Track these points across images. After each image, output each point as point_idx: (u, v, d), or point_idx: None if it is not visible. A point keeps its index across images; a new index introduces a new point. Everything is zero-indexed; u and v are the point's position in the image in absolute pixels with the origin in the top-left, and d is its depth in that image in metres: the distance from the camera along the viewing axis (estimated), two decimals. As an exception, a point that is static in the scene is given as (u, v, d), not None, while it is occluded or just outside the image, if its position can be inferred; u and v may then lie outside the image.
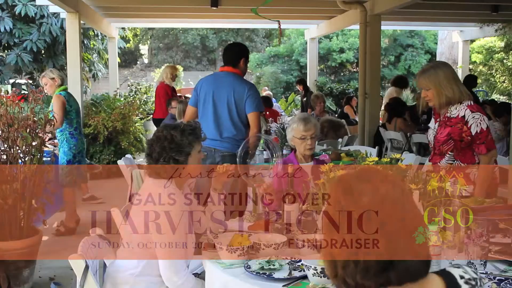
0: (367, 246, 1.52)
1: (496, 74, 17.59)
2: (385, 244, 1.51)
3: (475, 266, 2.57)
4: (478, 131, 3.86)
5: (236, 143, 4.96)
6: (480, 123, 3.87)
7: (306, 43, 17.44)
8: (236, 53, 5.22)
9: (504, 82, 17.01)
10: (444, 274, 1.63)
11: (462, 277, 1.63)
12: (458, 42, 17.64)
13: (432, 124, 4.17)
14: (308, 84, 14.71)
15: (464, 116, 3.89)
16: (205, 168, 3.27)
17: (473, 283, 1.63)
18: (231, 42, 5.90)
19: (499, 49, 18.36)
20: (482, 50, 19.58)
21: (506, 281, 2.44)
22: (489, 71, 18.44)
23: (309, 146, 4.06)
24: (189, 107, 5.27)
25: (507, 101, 14.39)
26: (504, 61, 17.94)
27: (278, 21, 7.87)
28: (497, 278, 2.48)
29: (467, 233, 2.90)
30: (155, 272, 2.96)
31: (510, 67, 17.91)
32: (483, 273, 2.53)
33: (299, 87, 14.61)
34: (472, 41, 18.91)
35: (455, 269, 1.66)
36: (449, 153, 3.97)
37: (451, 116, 3.94)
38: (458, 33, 17.18)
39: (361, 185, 1.56)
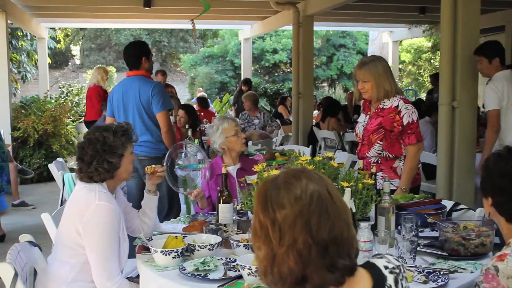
0: (280, 263, 1.53)
1: (424, 74, 18.13)
2: (296, 259, 1.51)
3: (405, 260, 2.64)
4: (410, 122, 3.97)
5: (153, 146, 4.91)
6: (411, 114, 3.98)
7: (240, 43, 17.50)
8: (135, 55, 5.10)
9: (432, 81, 17.55)
10: (369, 267, 1.66)
11: (386, 267, 1.67)
12: (388, 43, 18.10)
13: (362, 118, 4.23)
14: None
15: (397, 106, 3.99)
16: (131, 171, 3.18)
17: (397, 271, 1.68)
18: (130, 42, 5.75)
19: (426, 49, 18.93)
20: (411, 50, 20.15)
21: (434, 273, 2.52)
22: (417, 71, 19.00)
23: (244, 140, 4.11)
24: (108, 118, 5.15)
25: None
26: (432, 60, 18.51)
27: (192, 20, 7.86)
28: (426, 270, 2.56)
29: (397, 228, 2.99)
30: (88, 278, 2.89)
31: (437, 66, 18.48)
32: (412, 266, 2.60)
33: (244, 88, 14.67)
34: (402, 41, 19.44)
35: (378, 260, 1.70)
36: (378, 142, 4.02)
37: (384, 107, 4.03)
38: (388, 33, 17.64)
39: (282, 192, 1.56)
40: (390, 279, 1.65)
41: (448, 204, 3.60)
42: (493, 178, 2.16)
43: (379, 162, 4.06)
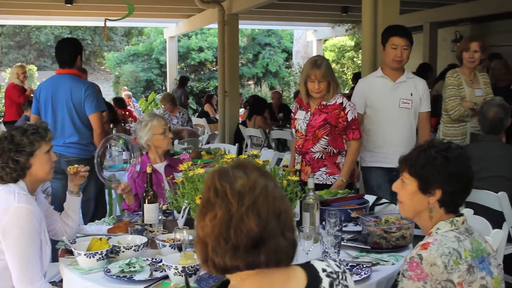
0: (239, 223, 1.54)
1: (348, 72, 18.53)
2: (256, 220, 1.54)
3: (330, 255, 2.69)
4: (353, 118, 4.20)
5: (82, 148, 4.79)
6: (353, 111, 4.22)
7: (166, 41, 17.35)
8: (71, 52, 4.91)
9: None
10: (307, 267, 1.69)
11: (324, 270, 1.69)
12: (312, 41, 18.40)
13: (302, 115, 4.31)
14: (168, 83, 14.68)
15: (342, 103, 4.19)
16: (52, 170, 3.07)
17: (334, 276, 1.69)
18: (64, 38, 5.56)
19: (349, 48, 19.35)
20: (334, 49, 20.54)
21: (357, 267, 2.59)
22: (341, 69, 19.39)
23: (171, 139, 4.11)
24: (32, 115, 4.97)
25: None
26: (354, 59, 18.94)
27: (105, 19, 7.76)
28: (350, 264, 2.62)
29: (322, 223, 3.04)
30: (9, 284, 2.79)
31: (360, 65, 18.93)
32: (336, 260, 2.64)
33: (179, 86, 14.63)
34: (326, 40, 19.81)
35: (318, 262, 1.72)
36: (325, 137, 4.19)
37: (328, 104, 4.20)
38: (313, 32, 17.94)
39: (237, 171, 1.61)
40: (325, 282, 1.67)
41: (370, 199, 3.70)
42: (447, 170, 2.17)
43: (323, 157, 4.23)
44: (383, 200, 3.72)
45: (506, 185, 4.10)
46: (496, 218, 3.78)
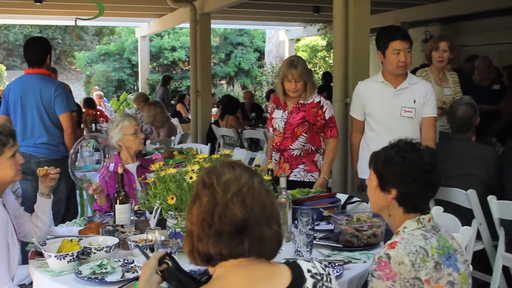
0: (223, 210, 1.59)
1: (319, 71, 18.61)
2: (240, 207, 1.59)
3: (302, 253, 2.70)
4: (331, 116, 4.29)
5: (52, 148, 4.73)
6: (331, 109, 4.31)
7: (137, 41, 17.23)
8: (41, 51, 4.84)
9: (327, 79, 18.05)
10: (293, 265, 1.72)
11: (309, 271, 1.71)
12: (284, 41, 18.45)
13: (279, 114, 4.36)
14: (139, 83, 14.59)
15: (319, 102, 4.27)
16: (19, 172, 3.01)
17: (319, 277, 1.72)
18: (33, 37, 5.46)
19: (321, 47, 19.44)
20: (306, 48, 20.63)
21: (329, 265, 2.59)
22: (313, 69, 19.47)
23: (142, 140, 4.10)
24: (1, 116, 4.88)
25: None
26: (326, 59, 19.04)
27: (76, 18, 7.70)
28: (322, 263, 2.62)
29: (294, 222, 3.05)
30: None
31: (332, 64, 19.04)
32: (308, 259, 2.65)
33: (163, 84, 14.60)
34: (298, 40, 19.88)
35: (304, 262, 1.75)
36: (303, 135, 4.24)
37: (305, 103, 4.26)
38: (285, 32, 18.00)
39: (225, 167, 1.68)
40: (309, 283, 1.68)
41: (342, 197, 3.72)
42: (402, 171, 2.19)
43: (301, 155, 4.28)
44: (355, 199, 3.74)
45: (476, 183, 4.17)
46: (466, 216, 3.84)
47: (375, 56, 4.34)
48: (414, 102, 4.11)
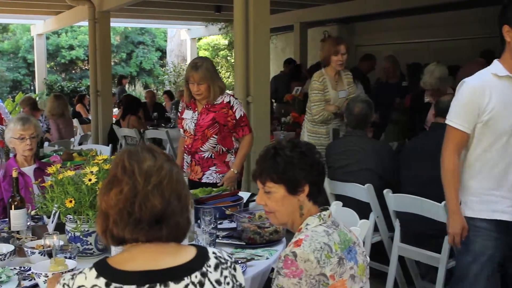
0: (144, 200, 1.65)
1: (222, 70, 18.67)
2: (160, 199, 1.66)
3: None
4: (242, 115, 4.27)
5: None
6: (241, 108, 4.31)
7: (33, 39, 16.61)
8: None
9: (229, 77, 18.12)
10: (199, 247, 1.79)
11: (214, 253, 1.78)
12: (186, 40, 18.38)
13: (189, 114, 4.33)
14: (36, 83, 14.06)
15: (229, 102, 4.24)
16: None
17: (223, 261, 1.77)
18: None
19: (223, 46, 19.50)
20: (208, 47, 20.63)
21: (233, 264, 2.62)
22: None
23: (29, 146, 3.85)
24: None
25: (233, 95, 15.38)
26: (228, 58, 19.12)
27: None
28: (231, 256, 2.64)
29: (197, 222, 3.05)
30: None
31: (233, 63, 19.17)
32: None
33: (124, 81, 14.07)
34: (199, 39, 19.85)
35: (211, 248, 1.83)
36: (214, 136, 4.22)
37: (215, 103, 4.23)
38: (186, 31, 17.93)
39: (145, 152, 1.74)
40: (212, 262, 1.73)
41: (245, 195, 3.76)
42: (308, 163, 2.23)
43: (212, 156, 4.27)
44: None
45: (373, 177, 4.33)
46: (364, 209, 3.98)
47: (275, 55, 4.40)
48: None
